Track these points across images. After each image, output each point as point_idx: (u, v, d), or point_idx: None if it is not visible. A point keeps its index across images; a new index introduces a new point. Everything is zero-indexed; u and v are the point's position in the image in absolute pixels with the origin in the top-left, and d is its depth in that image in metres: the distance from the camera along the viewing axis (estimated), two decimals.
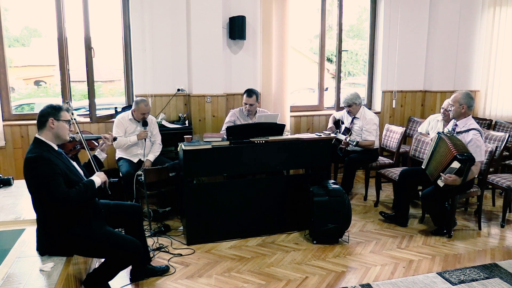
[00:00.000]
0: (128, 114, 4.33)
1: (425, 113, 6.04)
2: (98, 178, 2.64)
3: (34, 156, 2.41)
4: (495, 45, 5.87)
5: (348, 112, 4.84)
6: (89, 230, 2.55)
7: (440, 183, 3.60)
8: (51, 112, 2.53)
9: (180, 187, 3.88)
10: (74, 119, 2.85)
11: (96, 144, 3.05)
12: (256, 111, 4.58)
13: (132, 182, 3.95)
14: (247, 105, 4.48)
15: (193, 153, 3.60)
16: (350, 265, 3.35)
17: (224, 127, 4.53)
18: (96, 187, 2.60)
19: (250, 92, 4.47)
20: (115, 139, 3.33)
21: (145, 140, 4.26)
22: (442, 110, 4.57)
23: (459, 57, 6.01)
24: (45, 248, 2.53)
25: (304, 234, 3.92)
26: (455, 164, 3.47)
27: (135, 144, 4.31)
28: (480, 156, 3.64)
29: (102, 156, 3.07)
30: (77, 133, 2.84)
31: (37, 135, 2.54)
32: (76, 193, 2.45)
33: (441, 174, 3.58)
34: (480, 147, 3.63)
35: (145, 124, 4.27)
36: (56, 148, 2.58)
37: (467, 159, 3.43)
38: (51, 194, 2.38)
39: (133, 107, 4.28)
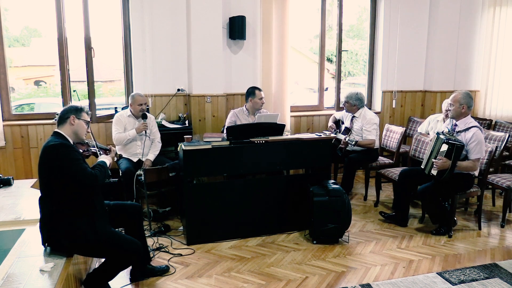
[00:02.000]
0: (126, 112, 4.36)
1: (425, 113, 6.04)
2: (107, 159, 2.81)
3: (58, 143, 2.54)
4: (495, 45, 5.88)
5: (346, 110, 4.85)
6: (91, 229, 2.55)
7: (434, 171, 3.64)
8: (73, 111, 2.72)
9: (180, 187, 3.88)
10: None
11: (104, 153, 3.06)
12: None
13: (132, 179, 3.95)
14: (262, 99, 4.53)
15: (193, 153, 3.60)
16: (350, 265, 3.35)
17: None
18: (108, 166, 2.78)
19: (258, 88, 4.59)
20: (120, 156, 3.41)
21: (145, 132, 4.26)
22: (444, 112, 4.48)
23: (459, 57, 6.01)
24: (48, 242, 2.55)
25: (304, 234, 3.92)
26: (443, 147, 3.59)
27: (135, 142, 4.32)
28: (481, 152, 3.67)
29: None
30: (90, 140, 2.90)
31: (56, 129, 2.68)
32: (99, 174, 2.62)
33: (433, 160, 3.63)
34: (481, 143, 3.65)
35: (144, 117, 4.28)
36: (72, 143, 2.68)
37: (454, 142, 3.54)
38: (80, 174, 2.49)
39: (129, 102, 4.33)
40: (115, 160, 3.16)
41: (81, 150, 2.76)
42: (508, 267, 3.28)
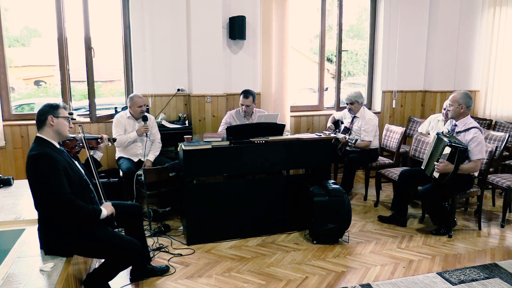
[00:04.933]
0: (125, 113, 4.34)
1: (425, 113, 6.04)
2: (105, 210, 2.62)
3: (37, 153, 2.40)
4: (495, 45, 5.88)
5: (349, 110, 4.83)
6: (89, 230, 2.55)
7: (436, 174, 3.63)
8: (50, 110, 2.54)
9: (180, 187, 3.88)
10: (75, 119, 2.88)
11: (96, 144, 3.05)
12: (253, 112, 4.58)
13: (133, 180, 3.95)
14: (243, 106, 4.48)
15: (193, 153, 3.60)
16: (350, 265, 3.35)
17: (220, 129, 4.54)
18: (101, 218, 2.57)
19: (246, 94, 4.47)
20: (114, 140, 3.33)
21: (146, 135, 4.25)
22: (444, 111, 4.51)
23: (459, 57, 6.01)
24: (46, 247, 2.53)
25: (304, 234, 3.92)
26: (446, 150, 3.57)
27: (136, 143, 4.31)
28: (481, 153, 3.66)
29: (98, 155, 3.08)
30: (78, 133, 2.85)
31: (38, 134, 2.54)
32: (80, 206, 2.44)
33: (435, 163, 3.62)
34: (481, 144, 3.64)
35: (145, 119, 4.27)
36: (57, 146, 2.58)
37: (457, 145, 3.53)
38: (54, 193, 2.36)
39: (128, 104, 4.31)
40: (109, 145, 3.14)
41: (69, 147, 2.73)
42: (508, 267, 3.28)
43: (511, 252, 3.59)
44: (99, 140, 3.03)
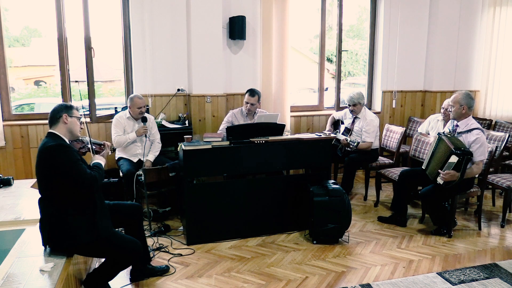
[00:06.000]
0: (125, 113, 4.33)
1: (425, 113, 6.04)
2: (100, 161, 2.78)
3: (55, 144, 2.51)
4: (495, 45, 5.88)
5: (351, 112, 4.82)
6: (93, 228, 2.55)
7: (440, 180, 3.61)
8: (64, 109, 2.67)
9: (180, 187, 3.88)
10: (85, 122, 2.96)
11: (99, 149, 3.07)
12: (255, 112, 4.58)
13: (133, 181, 3.94)
14: (248, 104, 4.48)
15: (193, 153, 3.61)
16: (350, 265, 3.35)
17: (221, 127, 4.54)
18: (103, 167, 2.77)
19: (253, 92, 4.49)
20: (114, 149, 3.39)
21: (145, 136, 4.25)
22: (442, 110, 4.57)
23: (459, 57, 6.01)
24: (48, 242, 2.55)
25: (304, 234, 3.92)
26: (453, 159, 3.51)
27: (135, 143, 4.31)
28: (484, 154, 3.66)
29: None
30: (85, 136, 2.90)
31: (50, 130, 2.64)
32: (98, 175, 2.60)
33: (439, 171, 3.60)
34: (483, 145, 3.64)
35: (144, 120, 4.27)
36: (68, 143, 2.65)
37: (464, 153, 3.48)
38: (80, 176, 2.48)
39: (128, 105, 4.30)
40: (109, 154, 3.18)
41: (77, 148, 2.77)
42: (508, 267, 3.28)
43: (511, 252, 3.59)
44: (102, 146, 3.06)
